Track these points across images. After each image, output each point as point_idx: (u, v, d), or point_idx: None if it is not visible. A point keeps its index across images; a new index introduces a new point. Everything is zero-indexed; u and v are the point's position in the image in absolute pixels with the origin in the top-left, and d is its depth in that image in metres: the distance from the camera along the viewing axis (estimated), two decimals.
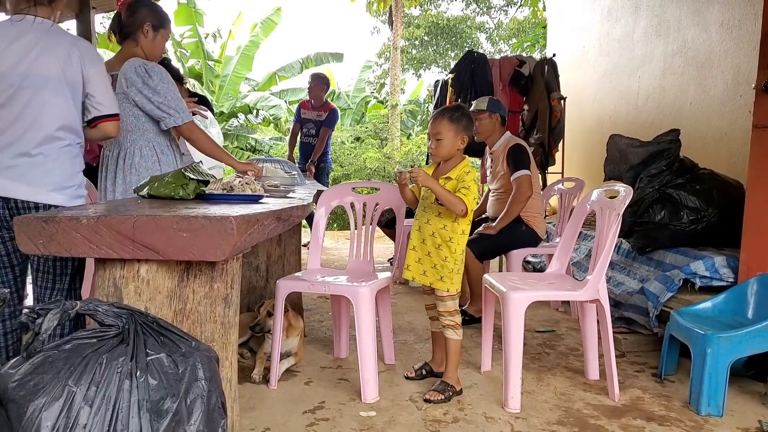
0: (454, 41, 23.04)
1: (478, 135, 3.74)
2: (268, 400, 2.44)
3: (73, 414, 1.21)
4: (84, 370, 1.26)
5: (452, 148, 2.45)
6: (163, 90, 2.46)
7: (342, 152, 12.34)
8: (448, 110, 2.51)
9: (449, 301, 2.49)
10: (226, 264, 1.70)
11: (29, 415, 1.20)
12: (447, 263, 2.45)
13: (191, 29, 12.51)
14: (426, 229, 2.50)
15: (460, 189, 2.41)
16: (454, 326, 2.50)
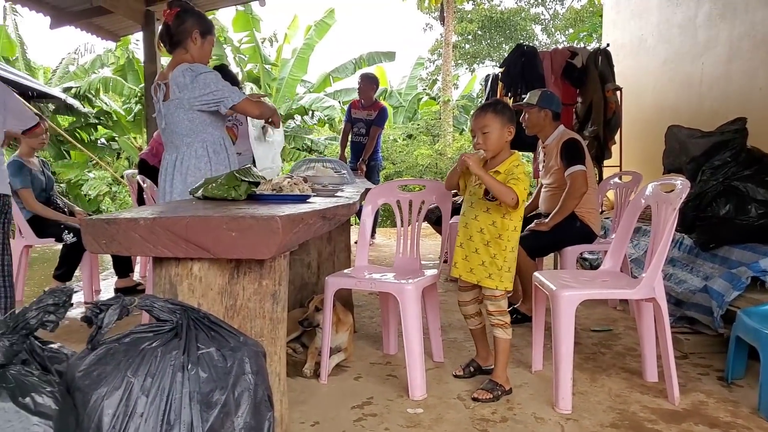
0: (508, 34, 22.68)
1: (527, 129, 3.69)
2: (318, 394, 2.51)
3: (132, 403, 1.30)
4: (141, 362, 1.34)
5: (500, 140, 2.42)
6: (211, 80, 2.61)
7: (394, 150, 12.38)
8: (489, 104, 2.50)
9: (499, 300, 2.47)
10: (273, 262, 1.76)
11: (93, 402, 1.29)
12: (496, 260, 2.43)
13: (249, 35, 12.85)
14: (473, 225, 2.48)
15: (509, 180, 2.37)
16: (504, 326, 2.47)
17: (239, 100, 2.63)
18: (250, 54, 13.24)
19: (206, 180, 2.22)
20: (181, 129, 2.66)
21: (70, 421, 1.24)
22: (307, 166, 3.56)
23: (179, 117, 2.64)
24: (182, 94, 2.61)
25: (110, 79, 12.03)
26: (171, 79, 2.63)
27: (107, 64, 13.40)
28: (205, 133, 2.70)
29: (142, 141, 12.55)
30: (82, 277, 4.15)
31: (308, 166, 3.57)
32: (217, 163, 2.71)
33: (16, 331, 1.29)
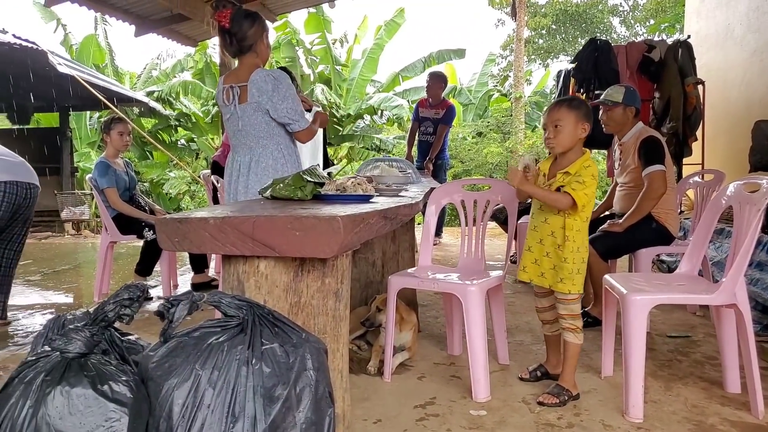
0: (584, 28, 21.93)
1: (607, 127, 3.56)
2: (381, 392, 2.53)
3: (200, 394, 1.36)
4: (208, 356, 1.40)
5: (572, 136, 2.34)
6: (290, 97, 2.73)
7: (463, 148, 12.27)
8: (565, 99, 2.43)
9: (572, 304, 2.40)
10: (335, 260, 1.79)
11: (164, 392, 1.36)
12: (567, 264, 2.36)
13: (320, 36, 13.10)
14: (543, 228, 2.43)
15: (570, 182, 2.30)
16: (575, 330, 2.40)
17: (301, 129, 2.83)
18: (321, 55, 13.49)
19: (274, 180, 2.29)
20: (257, 131, 2.78)
21: (143, 409, 1.31)
22: (373, 166, 3.60)
23: (257, 120, 2.76)
24: (262, 99, 2.73)
25: (189, 83, 12.61)
26: (251, 83, 2.74)
27: (187, 68, 14.04)
28: (279, 136, 2.84)
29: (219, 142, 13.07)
30: (161, 272, 4.37)
31: (373, 165, 3.61)
32: (290, 164, 2.83)
33: (96, 322, 1.38)
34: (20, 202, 3.49)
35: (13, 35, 7.76)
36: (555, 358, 2.64)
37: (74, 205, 9.54)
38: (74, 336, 1.33)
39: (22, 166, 3.54)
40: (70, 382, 1.25)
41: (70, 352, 1.31)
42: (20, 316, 4.00)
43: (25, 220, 3.64)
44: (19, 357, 3.06)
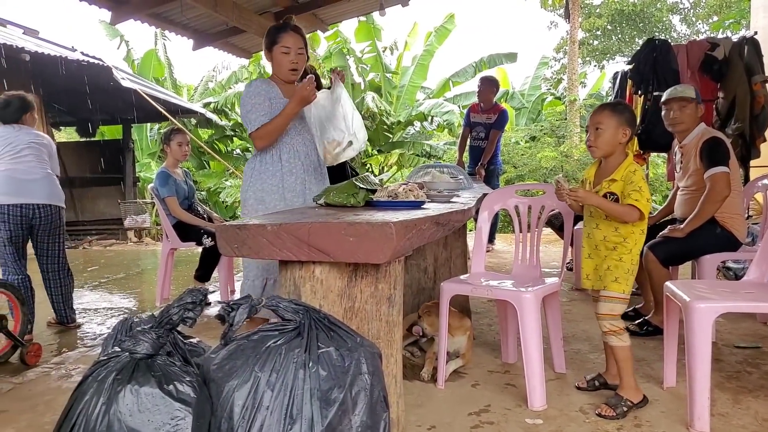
0: (641, 27, 21.30)
1: (679, 125, 3.42)
2: (435, 398, 2.52)
3: (258, 396, 1.40)
4: (267, 359, 1.44)
5: (612, 140, 2.32)
6: (243, 103, 2.75)
7: (516, 153, 12.09)
8: (609, 103, 2.44)
9: (616, 303, 2.35)
10: (388, 266, 1.81)
11: (225, 393, 1.41)
12: (623, 263, 2.33)
13: (370, 44, 13.23)
14: (596, 234, 2.40)
15: (629, 193, 2.26)
16: (617, 332, 2.34)
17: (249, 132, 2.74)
18: (371, 63, 13.61)
19: (327, 188, 2.33)
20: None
21: (206, 409, 1.36)
22: (424, 172, 3.60)
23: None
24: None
25: None
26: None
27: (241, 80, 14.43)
28: (280, 142, 2.80)
29: None
30: (219, 278, 4.50)
31: (425, 171, 3.62)
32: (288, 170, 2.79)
33: (162, 325, 1.44)
34: (29, 223, 3.63)
35: (81, 53, 8.20)
36: (614, 368, 2.57)
37: (136, 214, 9.94)
38: (142, 338, 1.40)
39: (33, 185, 3.63)
40: (138, 381, 1.31)
41: (138, 353, 1.38)
42: (88, 319, 4.19)
43: (51, 236, 3.77)
44: (89, 358, 3.21)
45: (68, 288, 3.94)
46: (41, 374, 2.97)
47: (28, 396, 2.68)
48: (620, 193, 2.30)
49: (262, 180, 2.76)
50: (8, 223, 3.56)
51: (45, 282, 3.86)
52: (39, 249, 3.79)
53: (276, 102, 2.73)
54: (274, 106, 2.71)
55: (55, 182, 3.78)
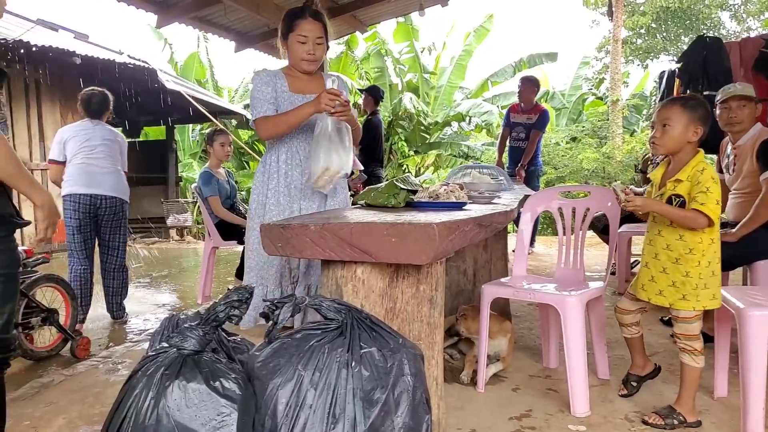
0: (688, 25, 20.66)
1: (737, 125, 3.30)
2: (475, 402, 2.50)
3: (302, 394, 1.40)
4: (310, 357, 1.45)
5: (681, 138, 2.14)
6: (250, 93, 2.57)
7: (556, 154, 11.90)
8: (681, 98, 2.23)
9: (691, 323, 2.19)
10: (430, 267, 1.80)
11: (269, 391, 1.42)
12: (690, 279, 2.15)
13: (408, 45, 13.23)
14: (658, 242, 2.24)
15: (695, 196, 2.09)
16: (693, 352, 2.19)
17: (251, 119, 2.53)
18: (409, 64, 13.60)
19: (368, 188, 2.33)
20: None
21: (251, 406, 1.37)
22: (463, 173, 3.57)
23: None
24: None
25: None
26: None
27: None
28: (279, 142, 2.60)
29: None
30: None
31: (464, 172, 3.58)
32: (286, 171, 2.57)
33: (208, 322, 1.47)
34: (96, 212, 3.83)
35: (128, 56, 8.44)
36: (641, 359, 2.53)
37: (178, 213, 10.17)
38: (189, 334, 1.42)
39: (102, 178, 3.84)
40: (186, 377, 1.33)
41: (186, 349, 1.40)
42: (133, 315, 4.30)
43: (114, 229, 3.95)
44: (135, 352, 3.30)
45: (123, 283, 4.07)
46: (90, 367, 3.07)
47: (78, 388, 2.76)
48: (686, 195, 2.13)
49: (263, 183, 2.56)
50: (78, 212, 3.78)
51: (102, 274, 4.01)
52: (101, 241, 3.97)
53: (281, 96, 2.50)
54: (278, 99, 2.49)
55: (122, 177, 3.99)
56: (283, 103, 2.46)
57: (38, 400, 2.62)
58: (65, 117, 8.11)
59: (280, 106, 2.45)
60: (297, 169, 2.55)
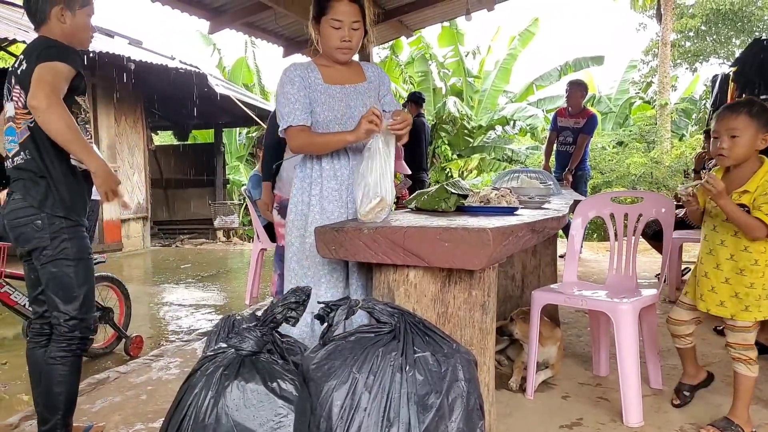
0: (739, 27, 19.95)
1: None
2: (524, 409, 2.47)
3: (357, 397, 1.42)
4: (364, 360, 1.46)
5: (750, 148, 2.07)
6: (277, 93, 2.24)
7: (602, 158, 11.64)
8: (743, 104, 2.12)
9: (747, 333, 2.14)
10: (483, 273, 1.79)
11: (324, 393, 1.44)
12: (754, 290, 2.09)
13: (453, 49, 13.18)
14: (721, 252, 2.17)
15: (760, 205, 2.03)
16: (748, 361, 2.14)
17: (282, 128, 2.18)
18: (453, 68, 13.55)
19: (419, 192, 2.34)
20: None
21: (306, 408, 1.39)
22: (511, 177, 3.54)
23: None
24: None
25: None
26: None
27: None
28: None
29: None
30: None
31: (512, 176, 3.55)
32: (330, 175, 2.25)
33: (266, 324, 1.50)
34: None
35: (180, 61, 8.69)
36: (693, 368, 2.47)
37: (225, 215, 10.39)
38: (247, 335, 1.46)
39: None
40: (245, 378, 1.36)
41: (244, 349, 1.43)
42: (183, 314, 4.42)
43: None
44: (185, 351, 3.39)
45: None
46: (143, 365, 3.16)
47: (132, 386, 2.85)
48: (750, 204, 2.07)
49: (303, 190, 2.24)
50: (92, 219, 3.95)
51: None
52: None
53: (315, 89, 2.17)
54: (313, 93, 2.17)
55: None
56: (319, 96, 2.18)
57: (95, 396, 2.72)
58: (119, 121, 8.40)
59: (316, 100, 2.18)
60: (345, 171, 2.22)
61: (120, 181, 2.17)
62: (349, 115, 2.19)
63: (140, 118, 8.89)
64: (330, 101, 2.17)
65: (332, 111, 2.17)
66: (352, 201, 2.19)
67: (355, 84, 2.23)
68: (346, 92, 2.21)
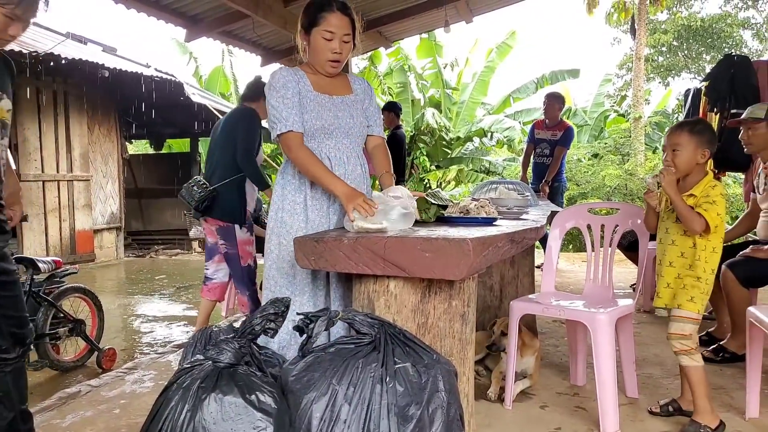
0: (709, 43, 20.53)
1: (749, 147, 3.30)
2: (503, 419, 2.47)
3: (336, 409, 1.40)
4: (344, 372, 1.45)
5: (690, 161, 2.28)
6: (268, 98, 2.17)
7: (578, 170, 11.82)
8: (688, 123, 2.37)
9: (689, 324, 2.27)
10: (463, 283, 1.80)
11: (303, 405, 1.42)
12: (700, 283, 2.26)
13: (431, 61, 13.28)
14: (672, 251, 2.34)
15: (701, 204, 2.22)
16: (689, 351, 2.26)
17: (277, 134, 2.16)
18: (432, 80, 13.65)
19: None
20: None
21: (285, 420, 1.37)
22: (490, 188, 3.56)
23: None
24: None
25: None
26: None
27: None
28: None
29: None
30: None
31: (491, 188, 3.57)
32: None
33: (244, 335, 1.48)
34: None
35: (156, 69, 8.60)
36: (690, 394, 2.47)
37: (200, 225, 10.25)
38: (225, 347, 1.43)
39: None
40: (222, 390, 1.34)
41: (221, 361, 1.41)
42: (158, 326, 4.34)
43: None
44: (160, 363, 3.32)
45: None
46: (116, 378, 3.09)
47: (104, 399, 2.78)
48: (694, 205, 2.26)
49: (284, 197, 2.22)
50: None
51: None
52: None
53: (306, 96, 2.15)
54: (303, 100, 2.15)
55: None
56: (309, 104, 2.15)
57: (65, 410, 2.64)
58: (92, 129, 8.27)
59: (305, 107, 2.15)
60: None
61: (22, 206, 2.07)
62: (336, 125, 2.19)
63: (114, 127, 8.77)
64: (319, 110, 2.17)
65: (321, 120, 2.16)
66: (334, 212, 2.20)
67: (342, 96, 2.25)
68: (334, 103, 2.21)
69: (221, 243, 3.53)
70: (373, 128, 2.36)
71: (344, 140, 2.23)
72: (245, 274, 3.54)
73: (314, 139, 2.18)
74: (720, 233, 2.27)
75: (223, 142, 3.58)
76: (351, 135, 2.25)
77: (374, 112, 2.35)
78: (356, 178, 2.23)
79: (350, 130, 2.23)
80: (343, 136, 2.22)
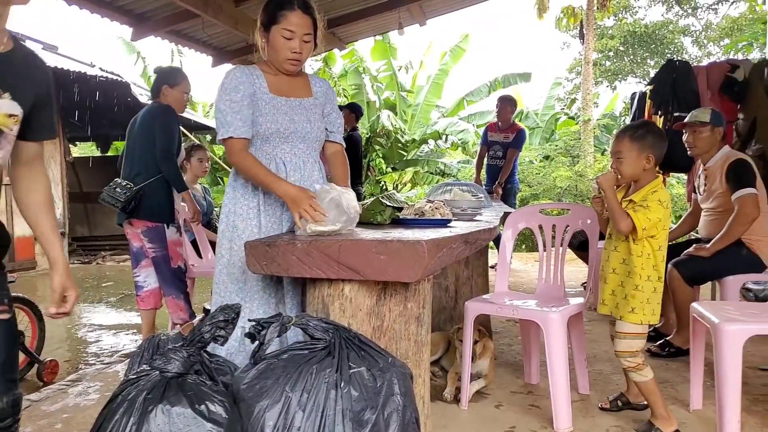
0: (653, 48, 21.34)
1: (693, 149, 3.41)
2: (459, 419, 2.48)
3: (290, 416, 1.37)
4: (298, 378, 1.42)
5: (635, 167, 2.26)
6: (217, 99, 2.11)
7: (530, 172, 12.06)
8: (630, 128, 2.34)
9: (633, 339, 2.25)
10: (418, 285, 1.79)
11: (256, 413, 1.38)
12: (640, 292, 2.24)
13: (386, 63, 13.33)
14: (614, 257, 2.33)
15: (635, 207, 2.22)
16: (637, 367, 2.25)
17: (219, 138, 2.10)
18: (386, 82, 13.70)
19: None
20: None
21: (237, 430, 1.33)
22: (444, 190, 3.58)
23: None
24: None
25: None
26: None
27: None
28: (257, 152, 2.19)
29: None
30: None
31: (445, 189, 3.60)
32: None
33: (193, 343, 1.43)
34: None
35: (100, 68, 8.31)
36: (636, 387, 2.54)
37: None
38: (172, 356, 1.38)
39: None
40: (170, 401, 1.29)
41: (169, 371, 1.36)
42: (104, 335, 4.18)
43: None
44: (106, 374, 3.20)
45: None
46: (58, 391, 2.95)
47: (45, 414, 2.65)
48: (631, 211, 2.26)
49: (236, 200, 2.16)
50: None
51: None
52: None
53: (260, 98, 2.09)
54: (257, 102, 2.09)
55: None
56: (264, 107, 2.08)
57: None
58: None
59: (260, 110, 2.08)
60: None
61: None
62: (292, 129, 2.13)
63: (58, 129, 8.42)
64: (275, 113, 2.11)
65: (275, 123, 2.11)
66: (288, 218, 2.13)
67: (300, 98, 2.18)
68: (291, 105, 2.15)
69: (148, 246, 3.44)
70: (334, 134, 2.31)
71: (300, 144, 2.17)
72: (175, 276, 3.46)
73: (269, 142, 2.12)
74: (659, 240, 2.24)
75: (142, 141, 3.50)
76: (307, 139, 2.19)
77: (336, 117, 2.30)
78: (313, 183, 2.16)
79: (307, 134, 2.17)
80: (299, 141, 2.17)
